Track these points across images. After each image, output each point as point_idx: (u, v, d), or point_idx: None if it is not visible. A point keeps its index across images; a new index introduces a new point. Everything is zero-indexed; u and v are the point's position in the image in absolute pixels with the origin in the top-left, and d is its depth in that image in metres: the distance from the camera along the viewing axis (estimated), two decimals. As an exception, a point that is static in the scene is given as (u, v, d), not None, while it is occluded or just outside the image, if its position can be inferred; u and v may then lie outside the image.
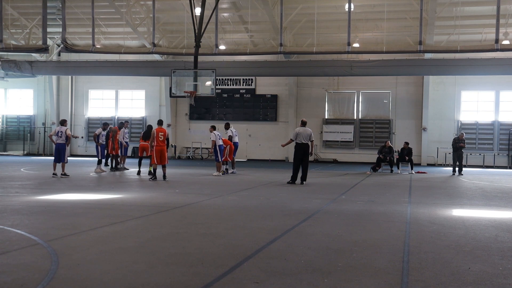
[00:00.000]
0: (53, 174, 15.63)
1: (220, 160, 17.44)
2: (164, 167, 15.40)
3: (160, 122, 16.14)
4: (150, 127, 17.87)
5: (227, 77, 30.62)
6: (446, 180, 17.57)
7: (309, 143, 14.57)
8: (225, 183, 14.86)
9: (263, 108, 30.86)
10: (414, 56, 26.44)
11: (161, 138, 15.34)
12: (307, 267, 5.05)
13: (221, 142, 17.50)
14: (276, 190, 12.76)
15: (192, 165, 24.13)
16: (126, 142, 19.36)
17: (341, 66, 26.15)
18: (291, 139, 15.06)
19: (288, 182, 14.63)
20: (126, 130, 19.64)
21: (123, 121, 20.09)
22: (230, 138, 18.46)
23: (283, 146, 16.02)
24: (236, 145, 18.77)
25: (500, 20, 21.87)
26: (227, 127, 18.97)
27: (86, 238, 6.34)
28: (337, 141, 29.95)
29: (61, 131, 15.72)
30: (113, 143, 18.44)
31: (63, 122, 16.25)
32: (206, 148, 30.40)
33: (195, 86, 21.20)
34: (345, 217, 8.33)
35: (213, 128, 17.77)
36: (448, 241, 6.48)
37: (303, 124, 14.92)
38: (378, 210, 9.32)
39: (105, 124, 19.18)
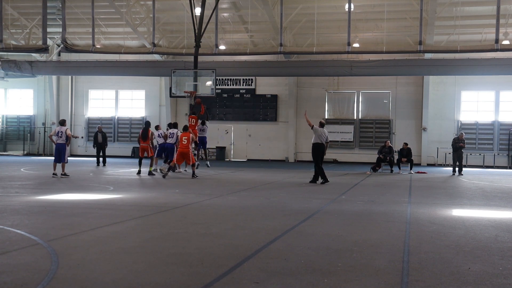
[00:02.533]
0: (53, 174, 15.63)
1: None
2: (192, 166, 16.54)
3: (185, 128, 16.86)
4: (147, 124, 18.05)
5: (227, 77, 30.60)
6: (446, 180, 17.56)
7: (325, 144, 15.04)
8: (225, 183, 14.87)
9: (263, 108, 30.84)
10: (414, 56, 26.44)
11: (184, 142, 16.23)
12: (307, 267, 5.04)
13: (162, 141, 18.15)
14: (276, 190, 12.76)
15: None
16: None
17: (341, 66, 26.14)
18: (312, 125, 14.91)
19: (310, 182, 15.05)
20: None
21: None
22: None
23: (305, 115, 16.11)
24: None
25: (500, 20, 21.89)
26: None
27: (86, 238, 6.34)
28: (337, 141, 29.90)
29: (61, 131, 15.72)
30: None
31: (62, 122, 16.26)
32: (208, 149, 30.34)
33: (195, 86, 21.23)
34: (345, 217, 8.33)
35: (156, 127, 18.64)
36: (448, 241, 6.48)
37: (322, 125, 15.17)
38: (378, 210, 9.31)
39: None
